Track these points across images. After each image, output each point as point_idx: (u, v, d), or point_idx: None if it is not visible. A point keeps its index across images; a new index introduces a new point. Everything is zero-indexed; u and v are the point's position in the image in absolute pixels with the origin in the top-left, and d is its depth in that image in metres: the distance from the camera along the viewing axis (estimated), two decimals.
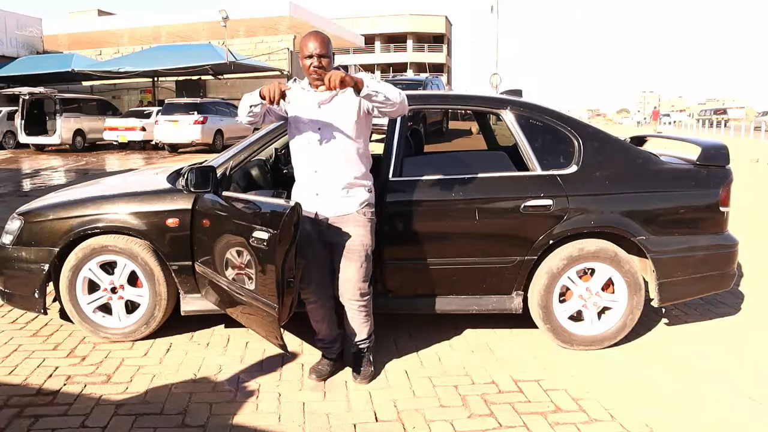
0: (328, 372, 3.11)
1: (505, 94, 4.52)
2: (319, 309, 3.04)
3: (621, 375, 3.17)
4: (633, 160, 3.51)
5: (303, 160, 2.95)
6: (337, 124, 2.86)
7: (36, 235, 3.52)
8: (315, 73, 2.81)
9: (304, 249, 2.90)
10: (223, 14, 21.80)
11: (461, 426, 2.67)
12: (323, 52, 2.82)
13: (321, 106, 2.88)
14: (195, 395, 2.94)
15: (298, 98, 2.94)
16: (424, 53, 57.72)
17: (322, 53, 2.81)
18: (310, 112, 2.90)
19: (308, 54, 2.81)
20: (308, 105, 2.90)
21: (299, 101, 2.94)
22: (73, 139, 19.15)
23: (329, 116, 2.87)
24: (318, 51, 2.80)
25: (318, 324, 3.11)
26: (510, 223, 3.38)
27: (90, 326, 3.57)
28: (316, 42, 2.82)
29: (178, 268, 3.46)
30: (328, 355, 3.17)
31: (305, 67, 2.85)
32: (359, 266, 2.92)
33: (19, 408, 2.80)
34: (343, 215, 2.91)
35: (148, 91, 25.02)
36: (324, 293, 3.01)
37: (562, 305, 3.45)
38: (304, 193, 2.95)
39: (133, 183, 4.09)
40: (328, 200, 2.91)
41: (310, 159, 2.91)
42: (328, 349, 3.17)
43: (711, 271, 3.54)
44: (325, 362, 3.15)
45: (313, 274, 2.95)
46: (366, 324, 3.07)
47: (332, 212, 2.91)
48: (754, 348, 3.53)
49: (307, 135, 2.90)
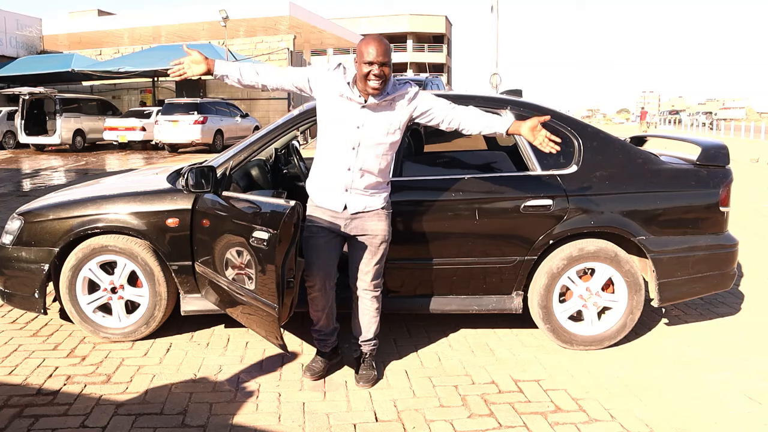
0: (322, 370, 3.11)
1: (505, 94, 4.52)
2: (321, 298, 3.04)
3: (621, 375, 3.17)
4: (633, 160, 3.51)
5: (336, 156, 2.86)
6: (378, 130, 2.82)
7: (36, 235, 3.52)
8: (375, 80, 2.70)
9: (316, 237, 2.93)
10: (223, 14, 21.80)
11: (461, 426, 2.67)
12: (385, 60, 2.70)
13: (363, 108, 2.81)
14: (195, 395, 2.94)
15: (337, 88, 2.82)
16: (424, 53, 57.73)
17: (384, 61, 2.70)
18: (352, 111, 2.81)
19: (368, 60, 2.69)
20: (350, 101, 2.81)
21: (339, 92, 2.82)
22: (73, 139, 19.16)
23: (372, 120, 2.81)
24: (381, 59, 2.68)
25: (318, 313, 3.10)
26: (510, 223, 3.38)
27: (90, 326, 3.57)
28: (379, 49, 2.69)
29: (178, 268, 3.46)
30: (323, 348, 3.16)
31: (361, 73, 2.72)
32: (380, 258, 2.99)
33: (19, 408, 2.81)
34: (370, 210, 2.93)
35: (148, 91, 25.00)
36: (329, 282, 3.02)
37: (562, 305, 3.45)
38: (330, 185, 2.91)
39: (133, 183, 4.09)
40: (357, 196, 2.90)
41: (345, 158, 2.84)
42: (323, 341, 3.16)
43: (711, 271, 3.54)
44: (319, 359, 3.15)
45: (321, 262, 2.96)
46: (375, 319, 3.09)
47: (360, 207, 2.91)
48: (754, 348, 3.53)
49: (346, 133, 2.82)
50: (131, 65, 21.63)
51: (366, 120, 2.81)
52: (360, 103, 2.79)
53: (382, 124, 2.82)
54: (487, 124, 2.97)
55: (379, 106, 2.81)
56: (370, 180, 2.89)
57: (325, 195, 2.93)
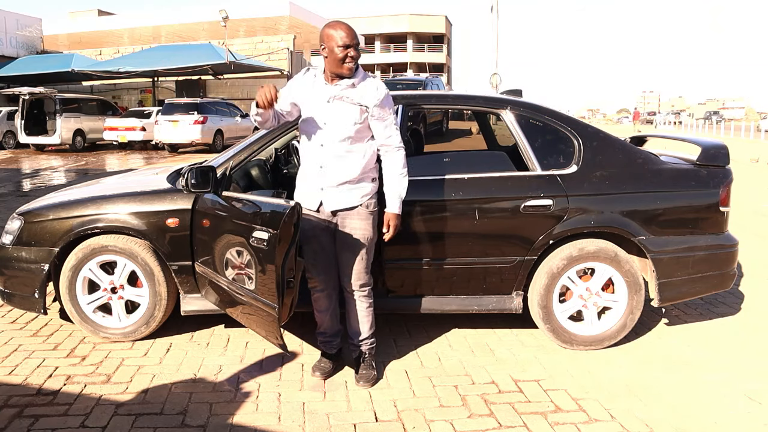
0: (331, 369, 3.13)
1: (505, 94, 4.52)
2: (325, 299, 3.06)
3: (621, 375, 3.17)
4: (633, 160, 3.51)
5: (309, 154, 2.94)
6: (343, 122, 2.85)
7: (36, 235, 3.52)
8: (351, 61, 2.79)
9: (310, 241, 2.96)
10: (223, 14, 21.79)
11: (461, 426, 2.67)
12: (357, 41, 2.82)
13: (330, 101, 2.85)
14: (195, 395, 2.94)
15: (309, 90, 2.91)
16: (424, 53, 57.72)
17: (357, 43, 2.80)
18: (318, 107, 2.87)
19: (346, 44, 2.76)
20: (318, 99, 2.87)
21: (310, 93, 2.91)
22: (73, 139, 19.15)
23: (336, 113, 2.85)
24: (355, 41, 2.79)
25: (322, 315, 3.11)
26: (510, 223, 3.38)
27: (90, 326, 3.57)
28: (352, 32, 2.80)
29: (178, 268, 3.46)
30: (328, 350, 3.17)
31: (337, 58, 2.77)
32: (360, 258, 2.97)
33: (19, 408, 2.81)
34: (347, 208, 2.93)
35: (148, 91, 25.01)
36: (331, 283, 3.05)
37: (562, 305, 3.45)
38: (310, 186, 2.96)
39: (133, 183, 4.09)
40: (332, 194, 2.91)
41: (316, 154, 2.90)
42: (328, 343, 3.17)
43: (711, 271, 3.54)
44: (325, 360, 3.16)
45: (320, 264, 3.01)
46: (367, 318, 3.09)
47: (336, 206, 2.92)
48: (754, 348, 3.53)
49: (313, 130, 2.90)
50: (131, 65, 21.64)
51: (330, 108, 2.85)
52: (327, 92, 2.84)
53: (345, 110, 2.85)
54: (388, 180, 2.98)
55: (344, 97, 2.84)
56: (344, 175, 2.88)
57: (307, 195, 2.95)
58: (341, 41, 2.76)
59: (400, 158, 2.96)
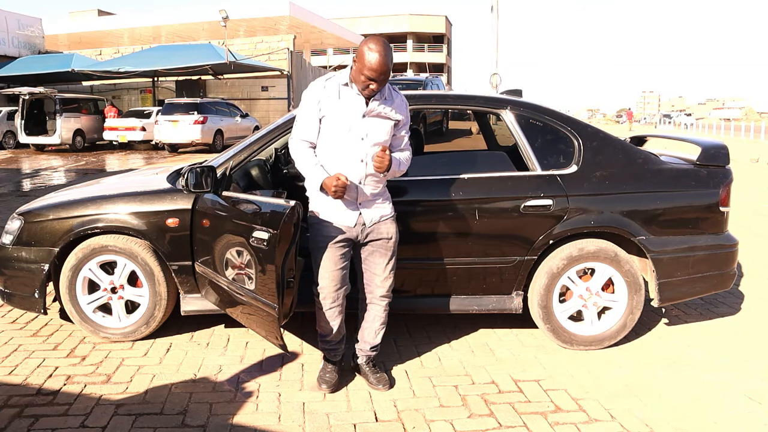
0: (337, 380, 3.01)
1: (505, 94, 4.51)
2: (336, 312, 2.93)
3: (621, 375, 3.17)
4: (633, 160, 3.51)
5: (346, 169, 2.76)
6: (380, 135, 2.78)
7: (36, 235, 3.52)
8: (369, 93, 2.69)
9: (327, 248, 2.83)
10: (223, 14, 21.79)
11: (461, 426, 2.67)
12: (386, 76, 2.65)
13: (365, 116, 2.75)
14: (195, 395, 2.94)
15: (337, 102, 2.76)
16: (424, 53, 57.72)
17: (384, 78, 2.65)
18: (353, 121, 2.74)
19: (369, 77, 2.62)
20: (352, 112, 2.74)
21: (340, 106, 2.75)
22: (73, 139, 19.16)
23: (374, 127, 2.77)
24: (383, 77, 2.63)
25: (328, 325, 2.95)
26: (510, 223, 3.38)
27: (90, 326, 3.57)
28: (381, 67, 2.60)
29: (178, 268, 3.46)
30: (333, 357, 3.07)
31: (359, 80, 2.66)
32: (393, 261, 2.96)
33: (19, 408, 2.81)
34: (382, 219, 2.90)
35: (148, 91, 25.00)
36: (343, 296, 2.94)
37: (562, 305, 3.45)
38: (347, 202, 2.81)
39: (133, 183, 4.09)
40: (370, 208, 2.86)
41: (355, 169, 2.77)
42: (333, 350, 3.07)
43: (711, 271, 3.54)
44: (331, 368, 3.05)
45: (337, 279, 2.87)
46: (384, 325, 3.06)
47: (377, 217, 2.88)
48: (754, 348, 3.53)
49: (350, 144, 2.75)
50: (131, 65, 21.62)
51: (366, 123, 2.76)
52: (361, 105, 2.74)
53: (381, 124, 2.79)
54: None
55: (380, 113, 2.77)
56: (381, 189, 2.89)
57: (335, 212, 2.82)
58: (368, 72, 2.62)
59: (408, 160, 2.96)
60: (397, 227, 2.97)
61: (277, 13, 24.83)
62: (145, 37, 28.52)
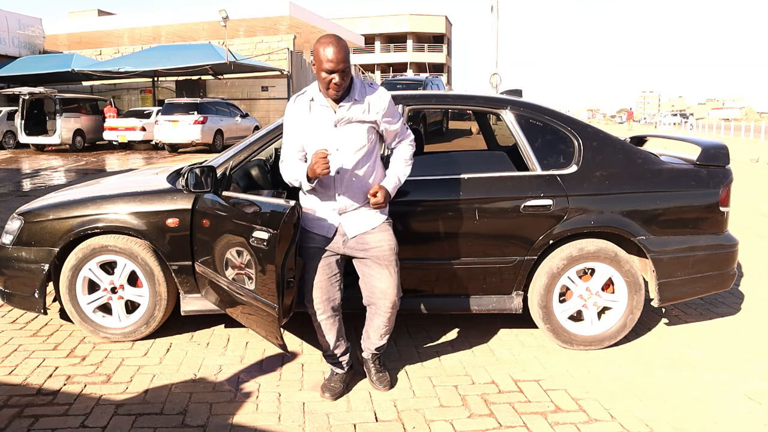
0: (343, 389, 2.96)
1: (505, 94, 4.52)
2: (329, 324, 2.88)
3: (621, 375, 3.17)
4: (633, 160, 3.51)
5: (323, 183, 2.76)
6: (355, 143, 2.71)
7: (36, 235, 3.52)
8: (335, 88, 2.60)
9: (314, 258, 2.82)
10: (223, 14, 21.78)
11: (461, 426, 2.67)
12: (345, 67, 2.57)
13: (337, 125, 2.70)
14: (195, 395, 2.94)
15: (308, 118, 2.75)
16: (424, 53, 57.73)
17: (345, 68, 2.57)
18: (325, 133, 2.71)
19: (328, 69, 2.55)
20: (322, 125, 2.72)
21: (311, 121, 2.74)
22: (73, 139, 19.16)
23: (346, 136, 2.71)
24: (341, 66, 2.55)
25: (325, 338, 2.91)
26: (510, 223, 3.38)
27: (90, 326, 3.57)
28: (338, 55, 2.54)
29: (178, 268, 3.46)
30: (338, 369, 3.01)
31: (323, 80, 2.61)
32: (394, 270, 2.84)
33: (19, 408, 2.81)
34: (371, 230, 2.83)
35: (148, 91, 25.00)
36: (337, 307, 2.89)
37: (562, 305, 3.45)
38: (326, 212, 2.82)
39: (133, 183, 4.09)
40: (354, 218, 2.81)
41: (331, 182, 2.75)
42: (338, 363, 3.00)
43: (711, 271, 3.54)
44: (337, 377, 2.99)
45: (325, 289, 2.83)
46: (390, 330, 2.97)
47: (361, 229, 2.81)
48: (754, 348, 3.53)
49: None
50: (131, 65, 21.61)
51: (338, 133, 2.70)
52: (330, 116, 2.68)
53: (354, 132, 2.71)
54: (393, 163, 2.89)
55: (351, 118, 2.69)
56: (364, 197, 2.78)
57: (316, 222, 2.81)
58: (326, 65, 2.55)
59: (411, 149, 2.90)
60: (393, 235, 2.87)
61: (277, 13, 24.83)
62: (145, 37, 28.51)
